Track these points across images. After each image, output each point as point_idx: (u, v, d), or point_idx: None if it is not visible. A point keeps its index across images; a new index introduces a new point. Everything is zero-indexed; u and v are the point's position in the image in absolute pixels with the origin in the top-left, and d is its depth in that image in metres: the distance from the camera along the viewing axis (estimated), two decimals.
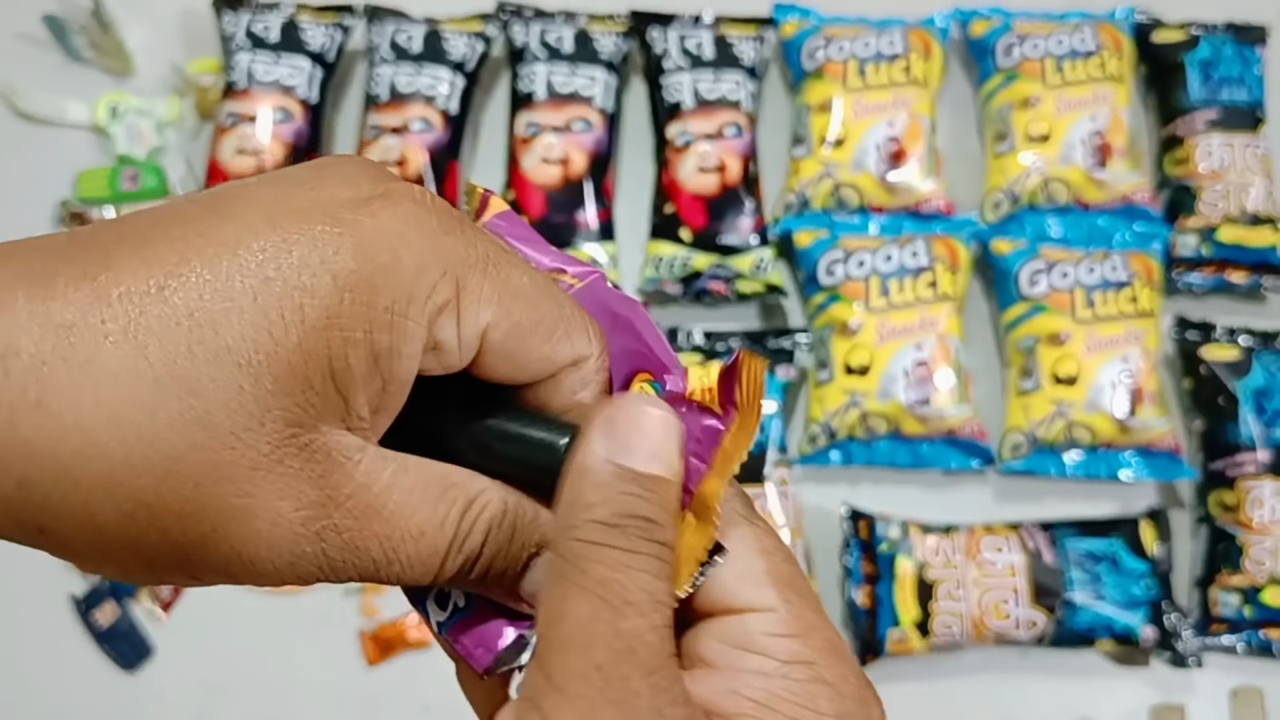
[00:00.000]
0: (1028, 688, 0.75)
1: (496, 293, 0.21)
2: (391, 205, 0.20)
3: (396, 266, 0.20)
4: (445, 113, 0.83)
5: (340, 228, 0.19)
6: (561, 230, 0.81)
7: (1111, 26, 0.86)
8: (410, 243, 0.20)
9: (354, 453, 0.20)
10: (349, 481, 0.20)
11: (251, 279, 0.19)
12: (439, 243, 0.21)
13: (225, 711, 0.74)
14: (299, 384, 0.19)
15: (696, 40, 0.85)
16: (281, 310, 0.19)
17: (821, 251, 0.80)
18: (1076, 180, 0.82)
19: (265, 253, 0.19)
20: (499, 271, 0.21)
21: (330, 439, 0.20)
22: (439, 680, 0.74)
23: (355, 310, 0.19)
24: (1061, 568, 0.72)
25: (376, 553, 0.21)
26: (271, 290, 0.19)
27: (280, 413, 0.19)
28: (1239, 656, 0.75)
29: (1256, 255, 0.81)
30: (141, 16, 0.91)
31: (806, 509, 0.77)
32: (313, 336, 0.19)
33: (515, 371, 0.22)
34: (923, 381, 0.76)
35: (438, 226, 0.21)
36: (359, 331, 0.19)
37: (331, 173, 0.21)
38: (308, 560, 0.20)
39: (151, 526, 0.19)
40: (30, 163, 0.87)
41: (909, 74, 0.84)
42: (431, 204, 0.21)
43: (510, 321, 0.21)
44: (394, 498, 0.21)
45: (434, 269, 0.20)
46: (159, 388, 0.18)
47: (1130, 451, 0.77)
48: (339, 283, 0.19)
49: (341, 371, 0.19)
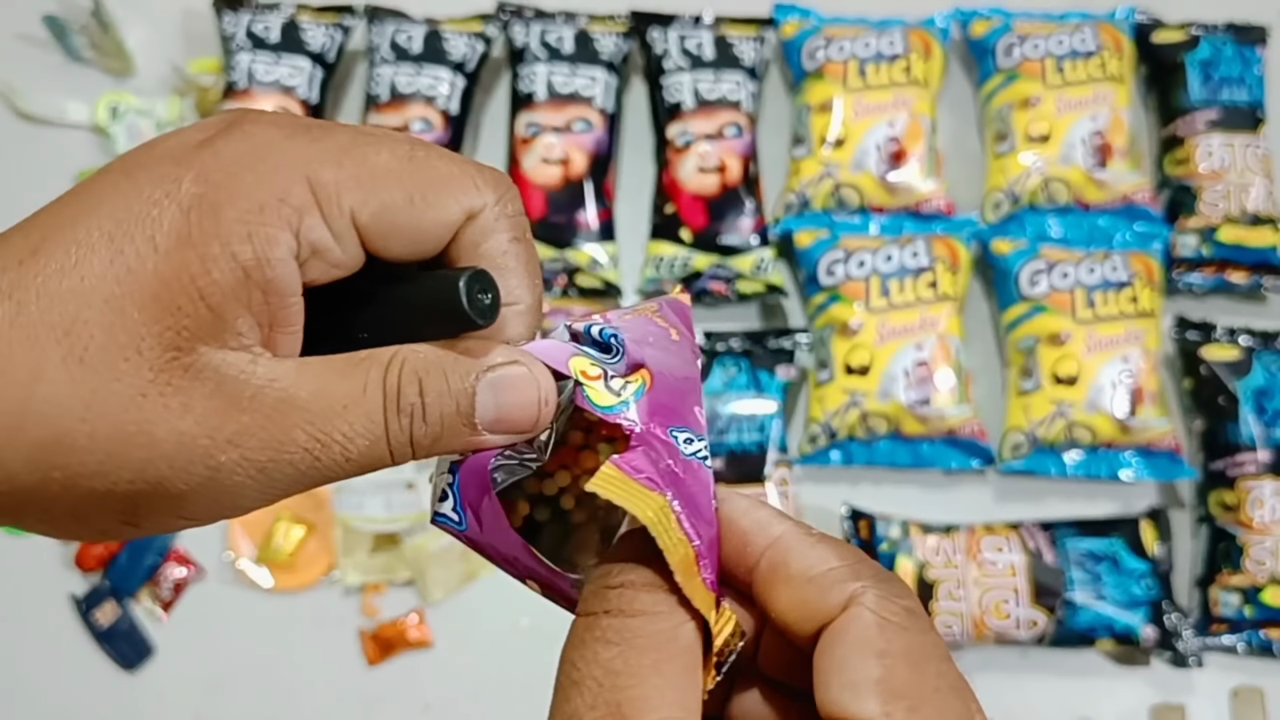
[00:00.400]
0: (1028, 687, 0.75)
1: (354, 179, 0.21)
2: (231, 131, 0.21)
3: (237, 181, 0.20)
4: (445, 113, 0.83)
5: (183, 163, 0.21)
6: (562, 230, 0.81)
7: (1112, 27, 0.86)
8: (252, 157, 0.21)
9: (244, 365, 0.21)
10: (247, 387, 0.21)
11: (108, 222, 0.20)
12: (282, 149, 0.21)
13: (225, 711, 0.74)
14: (165, 308, 0.20)
15: (697, 40, 0.85)
16: (135, 243, 0.20)
17: (822, 251, 0.80)
18: (1077, 180, 0.82)
19: (120, 198, 0.20)
20: (354, 158, 0.22)
21: (214, 358, 0.20)
22: (439, 680, 0.74)
23: (204, 228, 0.20)
24: (1062, 567, 0.72)
25: (304, 440, 0.21)
26: (124, 229, 0.20)
27: (153, 339, 0.20)
28: (1239, 656, 0.75)
29: (1257, 255, 0.81)
30: (142, 16, 0.91)
31: (807, 509, 0.77)
32: (168, 260, 0.20)
33: (411, 246, 0.22)
34: (923, 381, 0.76)
35: (280, 135, 0.21)
36: (214, 247, 0.20)
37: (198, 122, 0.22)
38: (228, 470, 0.21)
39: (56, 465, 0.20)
40: (31, 163, 0.87)
41: (909, 74, 0.84)
42: (274, 119, 0.22)
43: (378, 200, 0.22)
44: (305, 385, 0.21)
45: (280, 175, 0.21)
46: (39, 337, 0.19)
47: (1130, 451, 0.77)
48: (184, 208, 0.20)
49: (208, 288, 0.20)
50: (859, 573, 0.21)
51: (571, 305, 0.82)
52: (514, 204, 0.24)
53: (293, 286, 0.21)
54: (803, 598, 0.21)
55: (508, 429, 0.23)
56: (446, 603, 0.76)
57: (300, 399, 0.21)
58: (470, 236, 0.23)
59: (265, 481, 0.21)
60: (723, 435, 0.76)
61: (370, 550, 0.76)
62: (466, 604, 0.76)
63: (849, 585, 0.21)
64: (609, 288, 0.82)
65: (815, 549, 0.22)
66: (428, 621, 0.75)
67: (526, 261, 0.24)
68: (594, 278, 0.81)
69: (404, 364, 0.22)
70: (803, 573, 0.22)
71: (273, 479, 0.21)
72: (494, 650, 0.74)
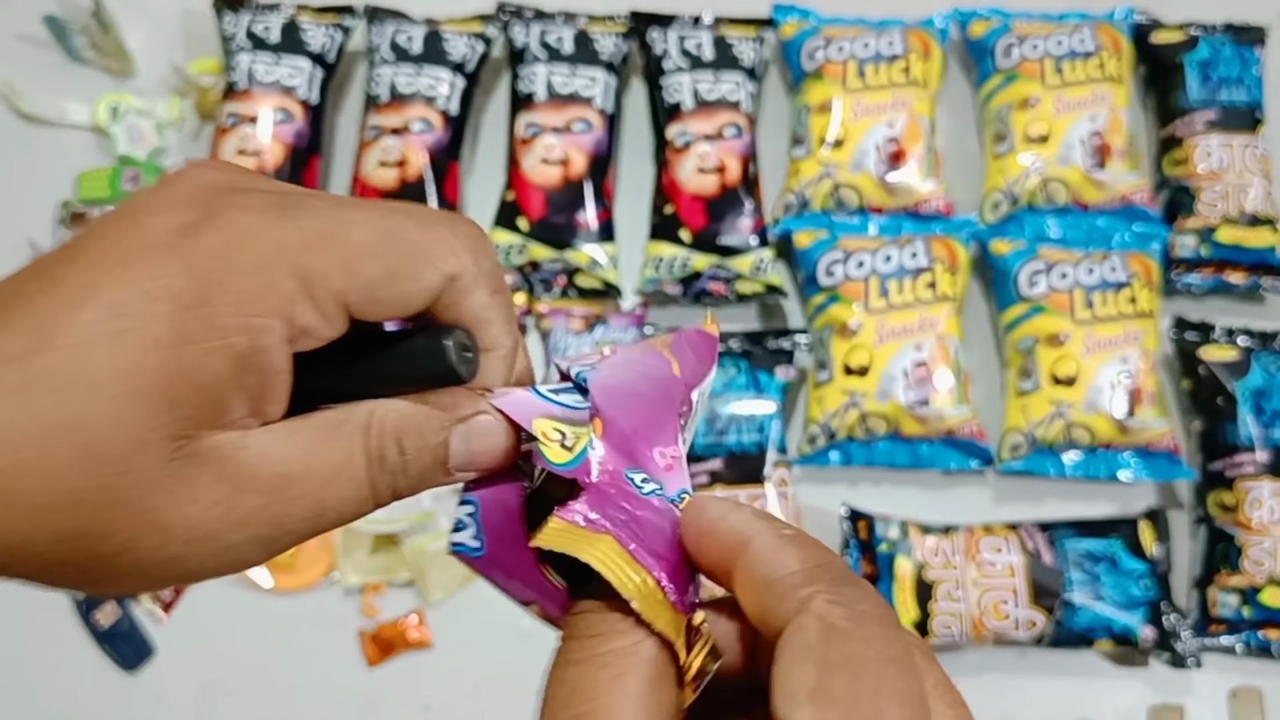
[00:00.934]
0: (1027, 688, 0.76)
1: (338, 262, 0.22)
2: (213, 220, 0.22)
3: (228, 275, 0.21)
4: (445, 113, 0.83)
5: (171, 255, 0.21)
6: (561, 231, 0.81)
7: (1110, 27, 0.86)
8: (238, 249, 0.22)
9: (241, 442, 0.22)
10: (247, 466, 0.22)
11: (107, 318, 0.21)
12: (266, 239, 0.22)
13: (225, 711, 0.74)
14: (168, 402, 0.21)
15: (696, 41, 0.85)
16: (136, 341, 0.21)
17: (821, 252, 0.80)
18: (1075, 181, 0.82)
19: (115, 291, 0.21)
20: (336, 241, 0.23)
21: (214, 440, 0.22)
22: (439, 680, 0.75)
23: (199, 324, 0.21)
24: (1060, 568, 0.72)
25: (303, 512, 0.23)
26: (124, 324, 0.21)
27: (158, 432, 0.21)
28: (1238, 657, 0.75)
29: (1255, 255, 0.81)
30: (142, 17, 0.91)
31: (806, 509, 0.77)
32: (167, 357, 0.21)
33: (394, 312, 0.24)
34: (922, 382, 0.76)
35: (261, 224, 0.22)
36: (211, 341, 0.21)
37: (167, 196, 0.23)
38: (239, 547, 0.22)
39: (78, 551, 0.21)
40: (31, 163, 0.87)
41: (908, 75, 0.84)
42: (251, 203, 0.23)
43: (362, 280, 0.23)
44: (296, 459, 0.23)
45: (267, 266, 0.22)
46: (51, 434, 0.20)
47: (1129, 452, 0.77)
48: (179, 304, 0.21)
49: (206, 380, 0.21)
50: (814, 577, 0.21)
51: (571, 305, 0.82)
52: (489, 259, 0.25)
53: (283, 365, 0.22)
54: (763, 604, 0.22)
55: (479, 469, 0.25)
56: (446, 603, 0.76)
57: (295, 473, 0.23)
58: (450, 296, 0.24)
59: (269, 550, 0.23)
60: (722, 436, 0.76)
61: (370, 551, 0.76)
62: (466, 604, 0.76)
63: (801, 591, 0.21)
64: (608, 288, 0.82)
65: (779, 552, 0.22)
66: (428, 622, 0.75)
67: (504, 310, 0.26)
68: (593, 278, 0.81)
69: (383, 426, 0.24)
70: (765, 578, 0.22)
71: (275, 547, 0.23)
72: (494, 650, 0.75)
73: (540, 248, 0.81)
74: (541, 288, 0.83)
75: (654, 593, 0.22)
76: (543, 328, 0.82)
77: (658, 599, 0.22)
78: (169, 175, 0.24)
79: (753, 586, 0.22)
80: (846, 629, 0.20)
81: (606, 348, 0.28)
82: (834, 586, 0.21)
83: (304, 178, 0.83)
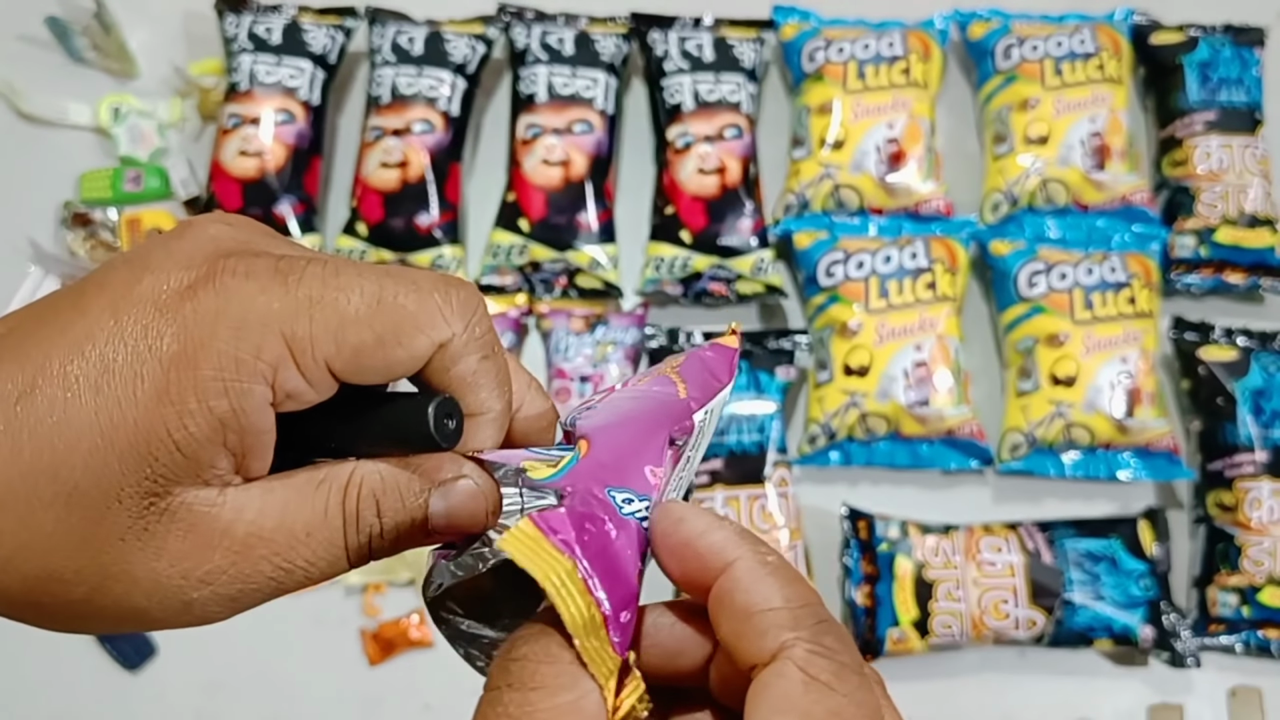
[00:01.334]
0: (1027, 687, 0.76)
1: (327, 330, 0.23)
2: (210, 284, 0.22)
3: (214, 340, 0.22)
4: (446, 114, 0.83)
5: (165, 315, 0.22)
6: (562, 231, 0.81)
7: (1110, 28, 0.86)
8: (227, 315, 0.22)
9: (214, 499, 0.23)
10: (217, 524, 0.22)
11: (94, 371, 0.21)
12: (256, 305, 0.22)
13: (226, 710, 0.74)
14: (143, 458, 0.21)
15: (697, 42, 0.85)
16: (119, 396, 0.21)
17: (821, 253, 0.81)
18: (1075, 182, 0.82)
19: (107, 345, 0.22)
20: (326, 308, 0.23)
21: (187, 496, 0.22)
22: (440, 679, 0.75)
23: (182, 384, 0.22)
24: (1060, 568, 0.72)
25: (271, 571, 0.23)
26: (111, 380, 0.21)
27: (132, 488, 0.21)
28: (1237, 656, 0.76)
29: (1254, 256, 0.82)
30: (143, 18, 0.91)
31: (806, 509, 0.77)
32: (147, 414, 0.21)
33: (382, 377, 0.24)
34: (922, 382, 0.76)
35: (254, 290, 0.23)
36: (191, 402, 0.22)
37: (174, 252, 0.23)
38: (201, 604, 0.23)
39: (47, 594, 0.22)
40: (33, 164, 0.87)
41: (908, 76, 0.84)
42: (250, 269, 0.23)
43: (350, 347, 0.23)
44: (270, 518, 0.23)
45: (254, 332, 0.22)
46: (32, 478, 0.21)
47: (1128, 452, 0.77)
48: (164, 364, 0.22)
49: (184, 441, 0.22)
50: (798, 620, 0.21)
51: (572, 306, 0.83)
52: (482, 324, 0.25)
53: (266, 426, 0.23)
54: (740, 634, 0.22)
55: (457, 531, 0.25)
56: None
57: (266, 531, 0.23)
58: (440, 362, 0.24)
59: (233, 607, 0.24)
60: (723, 436, 0.76)
61: None
62: None
63: (783, 634, 0.21)
64: (609, 288, 0.82)
65: (761, 584, 0.22)
66: (429, 622, 0.76)
67: (496, 374, 0.26)
68: (594, 278, 0.82)
69: (361, 486, 0.24)
70: (745, 608, 0.22)
71: (240, 604, 0.24)
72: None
73: (541, 248, 0.81)
74: (542, 288, 0.83)
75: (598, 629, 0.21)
76: (543, 328, 0.82)
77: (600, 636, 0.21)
78: (183, 225, 0.24)
79: (732, 613, 0.22)
80: (829, 683, 0.21)
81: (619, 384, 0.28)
82: (816, 635, 0.21)
83: (305, 178, 0.83)
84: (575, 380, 0.79)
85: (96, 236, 0.84)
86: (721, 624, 0.22)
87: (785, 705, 0.20)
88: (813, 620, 0.21)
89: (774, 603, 0.21)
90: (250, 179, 0.81)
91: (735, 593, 0.22)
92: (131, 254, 0.23)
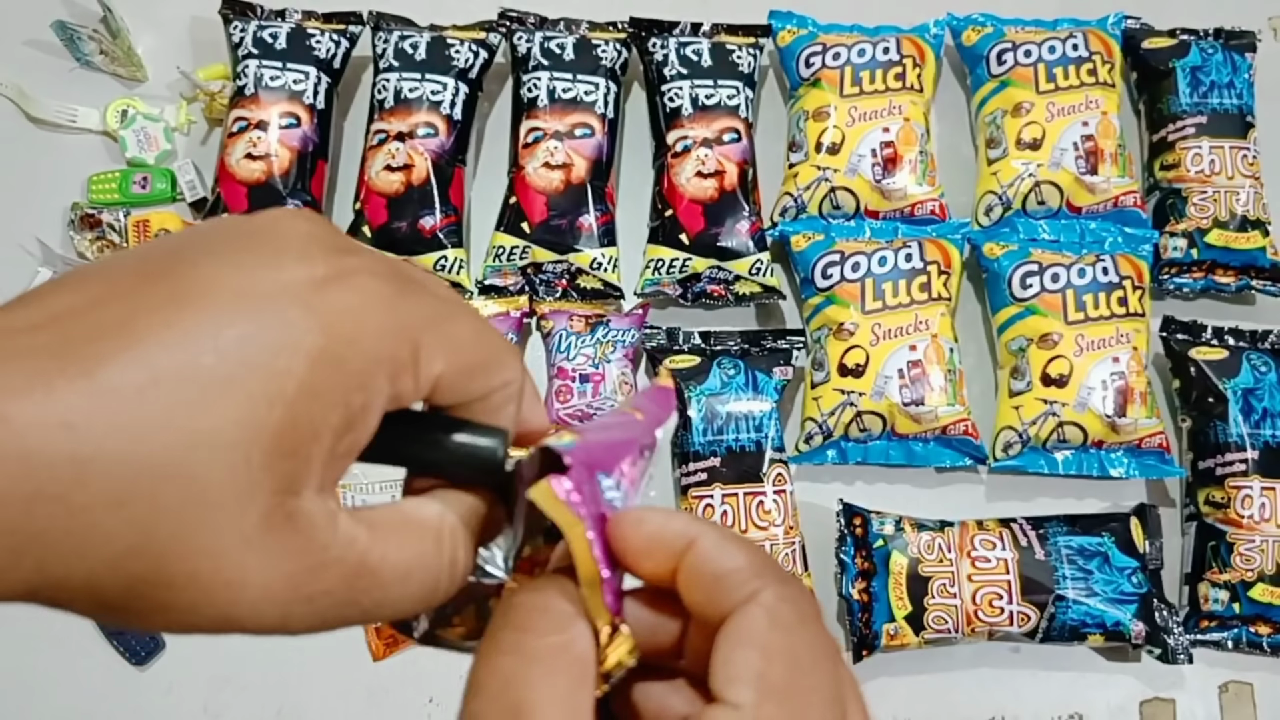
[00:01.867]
0: (1020, 682, 0.77)
1: (445, 346, 0.24)
2: (348, 282, 0.23)
3: (360, 338, 0.22)
4: (450, 119, 0.84)
5: (306, 310, 0.22)
6: (564, 234, 0.82)
7: (1102, 33, 0.87)
8: (369, 314, 0.23)
9: (330, 520, 0.23)
10: (333, 546, 0.23)
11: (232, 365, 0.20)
12: (394, 308, 0.23)
13: (232, 704, 0.76)
14: (284, 453, 0.21)
15: (695, 48, 0.87)
16: (265, 392, 0.21)
17: (817, 254, 0.82)
18: (1067, 185, 0.83)
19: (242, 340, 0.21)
20: (447, 326, 0.24)
21: (310, 505, 0.22)
22: (444, 673, 0.76)
23: (330, 381, 0.22)
24: (1053, 564, 0.73)
25: (368, 603, 0.23)
26: (253, 375, 0.20)
27: (268, 484, 0.21)
28: (1229, 652, 0.76)
29: (1245, 257, 0.83)
30: (151, 23, 0.93)
31: (802, 506, 0.79)
32: (292, 410, 0.21)
33: (457, 399, 0.26)
34: (916, 381, 0.77)
35: (392, 293, 0.23)
36: (335, 395, 0.22)
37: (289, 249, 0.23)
38: (296, 619, 0.22)
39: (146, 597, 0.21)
40: (42, 167, 0.88)
41: (903, 81, 0.85)
42: (384, 271, 0.24)
43: (455, 368, 0.25)
44: (377, 550, 0.23)
45: (391, 335, 0.23)
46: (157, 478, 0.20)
47: (1120, 450, 0.78)
48: (312, 360, 0.21)
49: (324, 432, 0.22)
50: (761, 572, 0.23)
51: (573, 307, 0.84)
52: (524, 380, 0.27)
53: (376, 425, 0.23)
54: (711, 595, 0.23)
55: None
56: None
57: (372, 564, 0.23)
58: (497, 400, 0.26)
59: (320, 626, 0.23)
60: (720, 434, 0.77)
61: None
62: None
63: (751, 583, 0.23)
64: (609, 290, 0.83)
65: (725, 549, 0.24)
66: None
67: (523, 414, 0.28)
68: (595, 280, 0.83)
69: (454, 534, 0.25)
70: (713, 572, 0.24)
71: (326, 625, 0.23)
72: None
73: (542, 250, 0.82)
74: (544, 289, 0.84)
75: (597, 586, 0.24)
76: (545, 329, 0.83)
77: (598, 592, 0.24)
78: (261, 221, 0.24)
79: (701, 579, 0.24)
80: (790, 624, 0.23)
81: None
82: (780, 583, 0.23)
83: (310, 182, 0.84)
84: (576, 380, 0.80)
85: (105, 238, 0.85)
86: (694, 593, 0.24)
87: (748, 639, 0.22)
88: (775, 573, 0.23)
89: (739, 561, 0.23)
90: (256, 182, 0.82)
91: (703, 562, 0.24)
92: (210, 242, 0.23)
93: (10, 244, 0.85)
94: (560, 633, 0.23)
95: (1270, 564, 0.74)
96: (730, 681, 0.22)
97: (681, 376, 0.79)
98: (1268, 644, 0.75)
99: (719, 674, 0.22)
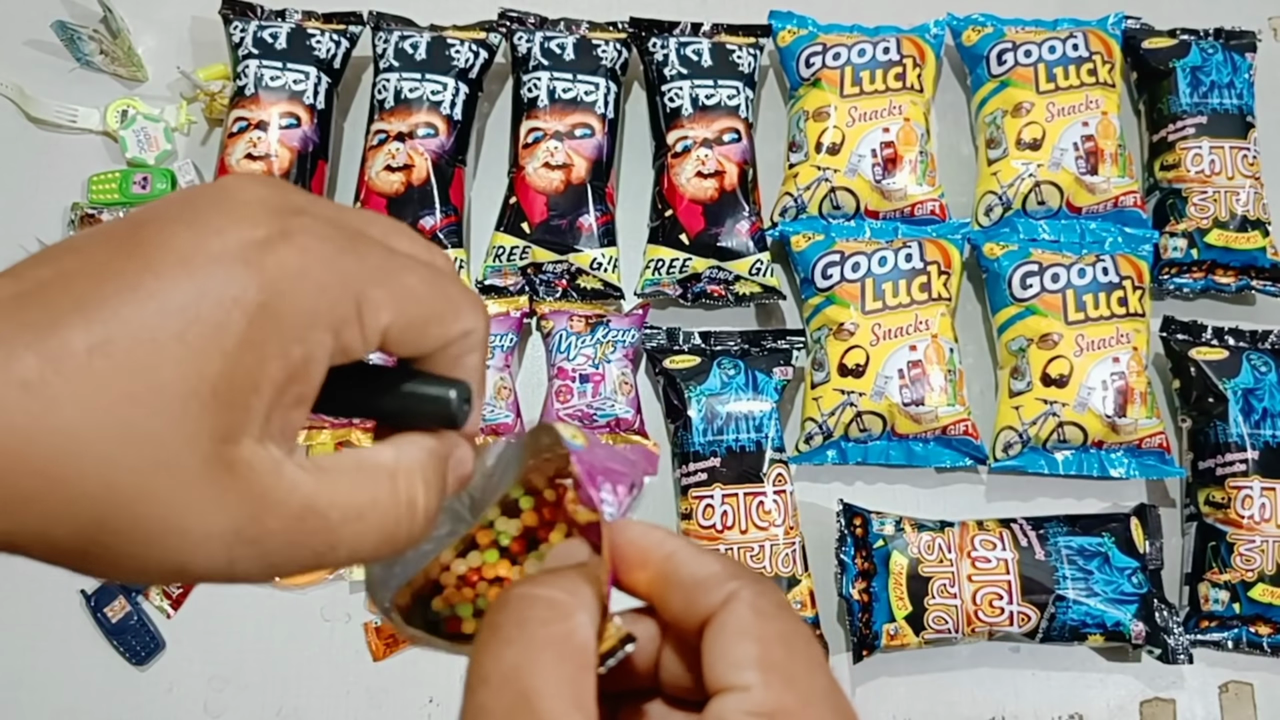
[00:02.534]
0: (1020, 682, 0.77)
1: (392, 298, 0.25)
2: (290, 241, 0.24)
3: (297, 293, 0.23)
4: (450, 119, 0.84)
5: (248, 269, 0.23)
6: (564, 234, 0.82)
7: (1102, 33, 0.87)
8: (309, 270, 0.23)
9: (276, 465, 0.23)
10: (277, 489, 0.23)
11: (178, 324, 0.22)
12: (334, 265, 0.24)
13: (233, 704, 0.76)
14: (224, 403, 0.22)
15: (695, 48, 0.87)
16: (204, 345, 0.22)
17: (817, 254, 0.82)
18: (1067, 185, 0.83)
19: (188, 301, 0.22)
20: (392, 279, 0.25)
21: (253, 452, 0.23)
22: (444, 674, 0.76)
23: (266, 334, 0.23)
24: (1053, 564, 0.73)
25: (318, 544, 0.24)
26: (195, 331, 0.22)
27: (207, 433, 0.22)
28: (1229, 652, 0.77)
29: (1245, 257, 0.83)
30: (151, 24, 0.93)
31: (803, 506, 0.79)
32: (231, 361, 0.22)
33: (413, 350, 0.26)
34: (916, 382, 0.77)
35: (334, 251, 0.24)
36: (273, 347, 0.23)
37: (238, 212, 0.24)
38: (246, 561, 0.23)
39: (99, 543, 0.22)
40: (42, 167, 0.88)
41: (903, 81, 0.85)
42: (324, 232, 0.24)
43: (405, 319, 0.25)
44: (325, 494, 0.24)
45: (331, 290, 0.24)
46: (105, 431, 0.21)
47: (1120, 451, 0.78)
48: (249, 315, 0.22)
49: (262, 383, 0.23)
50: (736, 574, 0.25)
51: (573, 307, 0.84)
52: (488, 329, 0.28)
53: (321, 378, 0.24)
54: (690, 599, 0.25)
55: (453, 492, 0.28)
56: None
57: (320, 507, 0.24)
58: (456, 350, 0.27)
59: (270, 572, 0.24)
60: (720, 434, 0.77)
61: None
62: None
63: (728, 585, 0.25)
64: (609, 290, 0.83)
65: (701, 557, 0.26)
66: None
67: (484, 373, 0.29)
68: (595, 280, 0.83)
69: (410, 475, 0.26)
70: (690, 577, 0.26)
71: (278, 570, 0.24)
72: None
73: (542, 250, 0.82)
74: (544, 289, 0.84)
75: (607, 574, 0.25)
76: (545, 329, 0.83)
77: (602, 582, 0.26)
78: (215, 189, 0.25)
79: (680, 585, 0.26)
80: (773, 613, 0.25)
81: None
82: (755, 581, 0.25)
83: (311, 182, 0.84)
84: (576, 380, 0.80)
85: None
86: (673, 600, 0.26)
87: (739, 630, 0.24)
88: (748, 574, 0.26)
89: (714, 568, 0.26)
90: None
91: (681, 568, 0.26)
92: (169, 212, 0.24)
93: (10, 244, 0.85)
94: (563, 621, 0.24)
95: (1270, 564, 0.74)
96: (732, 668, 0.24)
97: (682, 377, 0.79)
98: (1268, 644, 0.75)
99: (717, 666, 0.24)
